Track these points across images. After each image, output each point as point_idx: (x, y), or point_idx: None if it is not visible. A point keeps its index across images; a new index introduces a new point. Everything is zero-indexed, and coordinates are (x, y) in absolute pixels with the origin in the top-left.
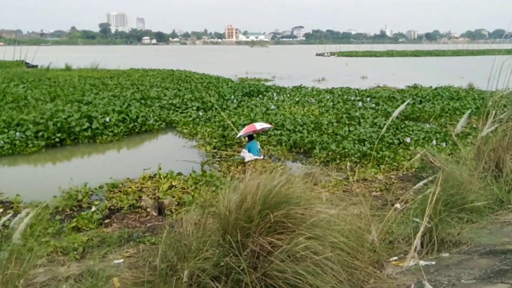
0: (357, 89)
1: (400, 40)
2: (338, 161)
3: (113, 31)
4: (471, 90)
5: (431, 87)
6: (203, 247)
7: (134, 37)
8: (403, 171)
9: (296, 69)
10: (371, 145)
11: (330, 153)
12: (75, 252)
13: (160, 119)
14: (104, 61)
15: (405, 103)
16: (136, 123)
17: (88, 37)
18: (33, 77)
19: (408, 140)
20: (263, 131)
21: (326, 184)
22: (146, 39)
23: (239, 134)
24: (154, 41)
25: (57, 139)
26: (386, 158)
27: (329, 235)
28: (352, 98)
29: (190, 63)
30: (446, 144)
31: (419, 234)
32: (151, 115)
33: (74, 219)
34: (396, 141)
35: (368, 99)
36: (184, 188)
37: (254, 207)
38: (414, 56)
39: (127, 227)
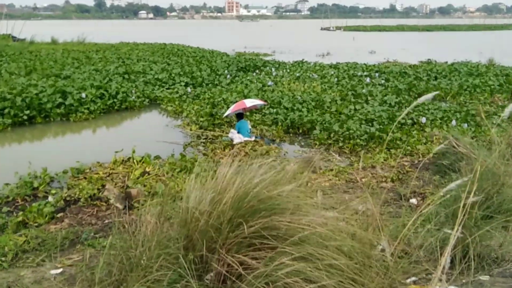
0: (365, 64)
1: (411, 14)
2: (341, 144)
3: (108, 5)
4: (491, 66)
5: (446, 62)
6: (154, 264)
7: (130, 11)
8: (419, 157)
9: (299, 43)
10: (380, 126)
11: (332, 135)
12: (2, 259)
13: (144, 95)
14: (95, 35)
15: (433, 94)
16: (115, 100)
17: (82, 11)
18: (14, 51)
19: (423, 120)
20: (255, 109)
21: (326, 172)
22: (142, 13)
23: (226, 112)
24: (151, 15)
25: (25, 117)
26: (398, 141)
27: (325, 254)
28: (359, 74)
29: (186, 37)
30: (467, 126)
31: (448, 248)
32: (133, 91)
33: (22, 212)
34: (410, 121)
35: (377, 74)
36: (159, 175)
37: (223, 213)
38: (427, 31)
39: (81, 223)
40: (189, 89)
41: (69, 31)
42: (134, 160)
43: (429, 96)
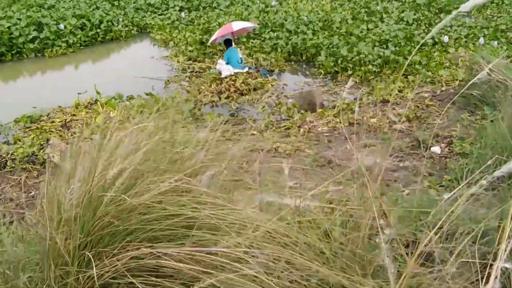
0: None
1: None
2: (350, 72)
3: None
4: None
5: None
6: None
7: None
8: (442, 85)
9: None
10: (396, 48)
11: (340, 61)
12: None
13: (132, 23)
14: None
15: None
16: (98, 30)
17: None
18: None
19: (446, 39)
20: (247, 33)
21: (326, 112)
22: None
23: (211, 39)
24: None
25: None
26: (417, 66)
27: None
28: None
29: None
30: (498, 44)
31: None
32: (120, 19)
33: None
34: (430, 41)
35: None
36: (124, 121)
37: (71, 236)
38: None
39: None
40: (183, 14)
41: None
42: (100, 103)
43: None
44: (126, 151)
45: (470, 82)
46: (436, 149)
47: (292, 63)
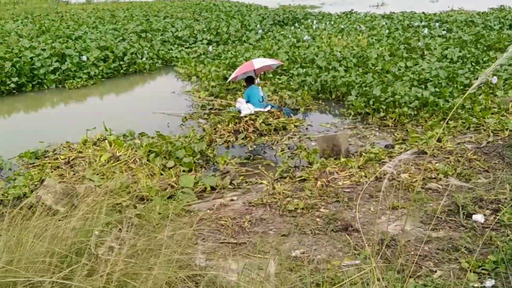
0: (423, 13)
1: None
2: (382, 114)
3: None
4: None
5: None
6: None
7: None
8: (488, 135)
9: None
10: (436, 89)
11: (371, 101)
12: None
13: (158, 56)
14: None
15: None
16: (122, 62)
17: None
18: (41, 12)
19: (494, 80)
20: (270, 70)
21: (350, 162)
22: None
23: (231, 76)
24: None
25: (12, 85)
26: (460, 110)
27: None
28: (416, 24)
29: None
30: None
31: None
32: (145, 52)
33: None
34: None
35: (437, 24)
36: (129, 161)
37: None
38: None
39: None
40: (210, 48)
41: None
42: (108, 140)
43: None
44: None
45: None
46: (478, 217)
47: (320, 101)
